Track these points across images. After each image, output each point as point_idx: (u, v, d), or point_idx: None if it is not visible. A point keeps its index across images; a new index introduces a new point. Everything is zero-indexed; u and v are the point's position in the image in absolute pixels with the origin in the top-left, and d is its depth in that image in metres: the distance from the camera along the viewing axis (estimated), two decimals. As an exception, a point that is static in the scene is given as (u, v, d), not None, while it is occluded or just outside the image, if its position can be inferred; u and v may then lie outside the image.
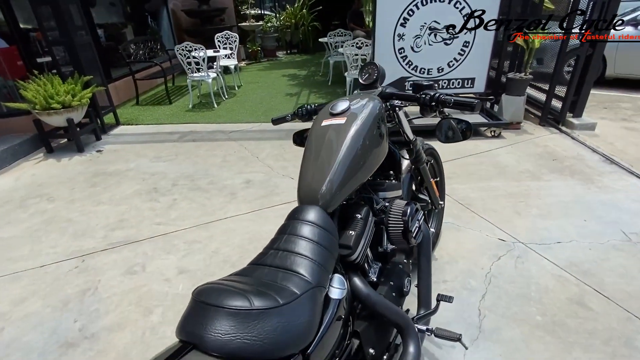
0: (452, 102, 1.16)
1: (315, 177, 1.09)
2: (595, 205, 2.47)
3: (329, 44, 6.02)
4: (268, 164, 3.28)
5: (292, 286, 0.82)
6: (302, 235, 0.97)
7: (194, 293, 0.78)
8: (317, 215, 1.01)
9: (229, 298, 0.73)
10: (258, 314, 0.71)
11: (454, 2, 3.35)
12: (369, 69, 1.41)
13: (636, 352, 1.46)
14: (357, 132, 1.14)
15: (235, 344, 0.68)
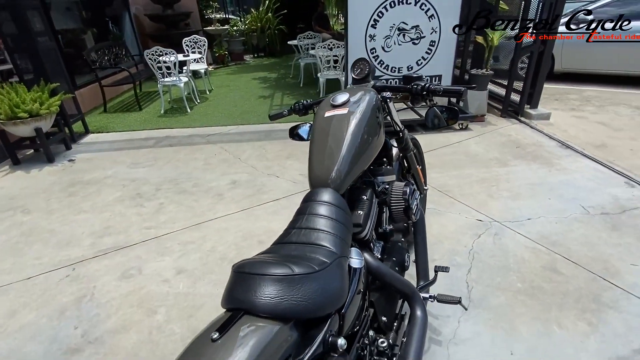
0: (441, 90, 1.29)
1: (326, 163, 1.18)
2: (556, 185, 2.74)
3: (299, 46, 6.12)
4: (251, 164, 3.32)
5: (321, 256, 0.91)
6: (320, 214, 1.06)
7: (235, 267, 0.85)
8: (332, 196, 1.10)
9: (272, 267, 0.81)
10: (300, 278, 0.79)
11: (419, 4, 3.57)
12: (361, 64, 1.53)
13: (603, 306, 1.68)
14: (359, 121, 1.24)
15: (284, 305, 0.76)
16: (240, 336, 0.72)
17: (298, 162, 3.32)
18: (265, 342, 0.72)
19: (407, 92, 1.41)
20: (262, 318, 0.75)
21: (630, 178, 2.77)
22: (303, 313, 0.78)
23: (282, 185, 2.92)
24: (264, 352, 0.69)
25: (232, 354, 0.68)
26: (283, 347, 0.73)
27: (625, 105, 4.63)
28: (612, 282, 1.81)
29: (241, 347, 0.69)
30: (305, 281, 0.80)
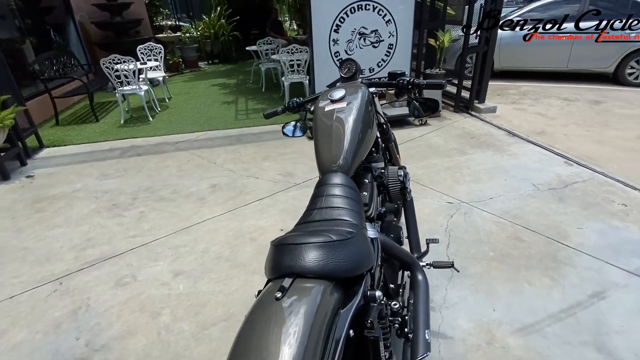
0: (425, 84, 1.49)
1: (334, 150, 1.31)
2: (509, 168, 3.10)
3: (259, 52, 6.18)
4: (228, 168, 3.36)
5: (347, 227, 1.05)
6: (337, 194, 1.19)
7: (276, 242, 0.96)
8: (343, 178, 1.24)
9: (312, 237, 0.93)
10: (338, 244, 0.92)
11: (377, 10, 3.84)
12: (348, 64, 1.69)
13: (559, 264, 1.97)
14: (357, 112, 1.40)
15: (330, 266, 0.88)
16: (299, 294, 0.83)
17: (275, 163, 3.41)
18: (319, 297, 0.84)
19: (394, 87, 1.59)
20: (312, 279, 0.87)
21: (568, 158, 3.21)
22: (345, 272, 0.91)
23: (263, 185, 3.00)
24: (320, 305, 0.81)
25: (296, 308, 0.79)
26: (333, 301, 0.85)
27: (555, 98, 5.27)
28: (564, 244, 2.13)
29: (302, 302, 0.81)
30: (343, 246, 0.93)
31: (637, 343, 1.51)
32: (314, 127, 1.46)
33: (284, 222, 2.48)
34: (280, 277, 0.90)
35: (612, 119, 4.28)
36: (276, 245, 0.97)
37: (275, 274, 0.91)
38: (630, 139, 3.68)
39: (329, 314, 0.81)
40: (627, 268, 1.91)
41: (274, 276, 0.92)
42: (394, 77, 1.61)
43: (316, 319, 0.78)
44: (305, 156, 3.53)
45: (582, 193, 2.64)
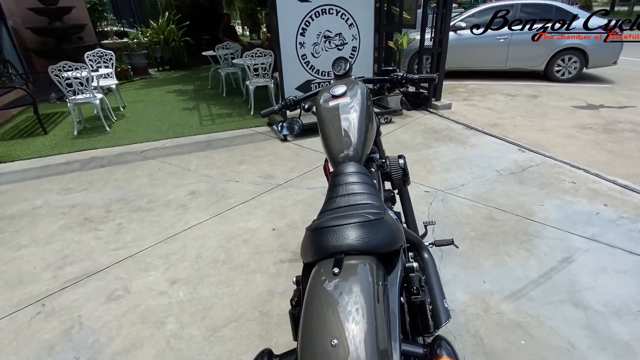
0: (417, 78, 1.62)
1: (345, 143, 1.39)
2: (472, 157, 3.38)
3: (218, 56, 6.08)
4: (204, 173, 3.28)
5: (374, 209, 1.12)
6: (356, 181, 1.26)
7: (313, 227, 1.02)
8: (358, 167, 1.32)
9: (350, 218, 1.00)
10: (375, 222, 0.99)
11: (340, 14, 3.99)
12: (341, 62, 1.78)
13: (531, 237, 2.21)
14: (361, 106, 1.49)
15: (374, 241, 0.96)
16: (352, 270, 0.89)
17: (252, 166, 3.40)
18: (371, 271, 0.90)
19: (388, 82, 1.70)
20: (358, 255, 0.94)
21: (520, 146, 3.58)
22: (386, 247, 0.98)
23: (245, 188, 2.98)
24: (374, 277, 0.88)
25: (355, 282, 0.86)
26: (381, 274, 0.93)
27: (499, 94, 5.80)
28: (531, 219, 2.38)
29: (358, 277, 0.88)
30: (380, 224, 1.00)
31: (605, 296, 1.75)
32: (320, 121, 1.52)
33: (274, 222, 2.49)
34: (327, 258, 0.96)
35: (549, 111, 4.82)
36: (315, 229, 1.02)
37: (320, 255, 0.97)
38: (567, 127, 4.18)
39: (381, 285, 0.88)
40: (585, 235, 2.20)
41: (319, 257, 0.97)
42: (386, 73, 1.72)
43: (374, 290, 0.85)
44: (281, 158, 3.56)
45: (537, 175, 2.97)
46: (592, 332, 1.57)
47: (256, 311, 1.76)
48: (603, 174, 2.90)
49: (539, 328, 1.60)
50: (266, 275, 1.99)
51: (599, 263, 1.97)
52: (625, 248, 2.07)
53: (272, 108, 1.80)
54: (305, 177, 3.12)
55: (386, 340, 0.77)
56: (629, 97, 5.37)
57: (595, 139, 3.77)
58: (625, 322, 1.61)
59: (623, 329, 1.58)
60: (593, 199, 2.57)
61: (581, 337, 1.55)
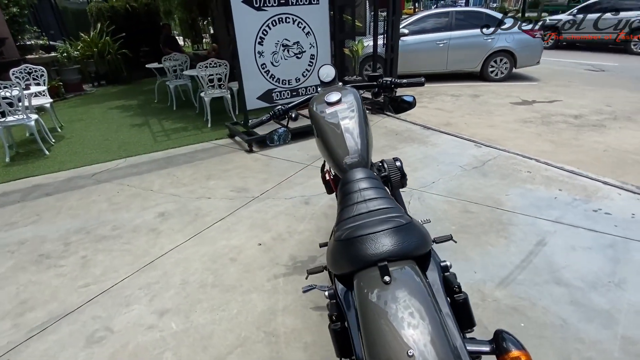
0: (406, 83, 1.67)
1: (351, 149, 1.38)
2: (436, 156, 3.56)
3: (166, 68, 5.77)
4: (170, 192, 3.07)
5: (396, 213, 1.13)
6: (368, 187, 1.26)
7: (342, 239, 1.00)
8: (367, 172, 1.33)
9: (381, 225, 0.99)
10: (407, 227, 1.00)
11: (297, 22, 4.00)
12: (327, 69, 1.78)
13: (505, 225, 2.38)
14: (358, 111, 1.50)
15: (412, 245, 0.96)
16: (400, 276, 0.89)
17: (221, 180, 3.25)
18: (417, 275, 0.91)
19: (376, 87, 1.73)
20: (399, 261, 0.93)
21: (475, 142, 3.85)
22: (422, 249, 0.99)
23: (219, 204, 2.84)
24: (420, 281, 0.88)
25: (405, 286, 0.85)
26: (423, 276, 0.93)
27: (445, 95, 6.20)
28: (502, 209, 2.57)
29: (407, 282, 0.87)
30: (412, 227, 1.01)
31: (579, 272, 1.93)
32: (319, 130, 1.50)
33: (258, 236, 2.40)
34: (367, 267, 0.94)
35: (492, 108, 5.25)
36: (348, 239, 1.00)
37: (359, 264, 0.95)
38: (510, 122, 4.59)
39: (428, 287, 0.89)
40: (550, 218, 2.42)
41: (358, 267, 0.95)
42: (374, 79, 1.76)
43: (426, 294, 0.85)
44: (251, 170, 3.45)
45: (497, 167, 3.21)
46: (577, 307, 1.72)
47: (261, 332, 1.68)
48: (551, 162, 3.22)
49: (533, 309, 1.72)
50: (263, 294, 1.91)
51: (568, 243, 2.17)
52: (585, 226, 2.31)
53: (260, 119, 1.74)
54: (281, 188, 3.06)
55: (454, 342, 0.77)
56: (554, 92, 6.04)
57: (537, 131, 4.19)
58: (601, 293, 1.79)
59: (602, 299, 1.75)
60: (549, 185, 2.84)
61: (570, 312, 1.69)
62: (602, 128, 4.18)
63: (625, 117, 4.53)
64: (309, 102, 1.76)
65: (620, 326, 1.61)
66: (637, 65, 7.93)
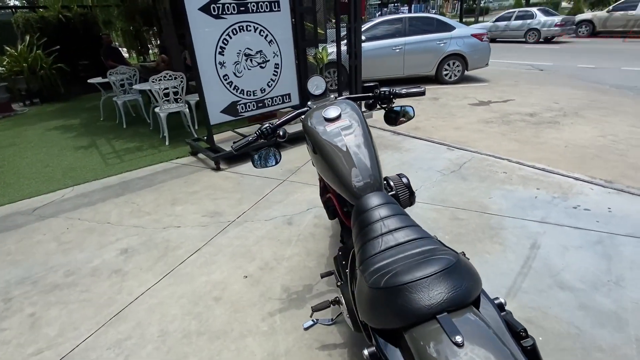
0: (405, 93, 1.55)
1: (362, 171, 1.23)
2: (412, 162, 3.53)
3: (112, 83, 5.25)
4: (132, 224, 2.72)
5: (432, 244, 0.99)
6: (390, 214, 1.11)
7: (383, 285, 0.83)
8: (384, 196, 1.18)
9: (427, 266, 0.84)
10: (456, 265, 0.86)
11: (258, 30, 3.80)
12: (316, 81, 1.61)
13: (496, 230, 2.35)
14: (363, 128, 1.35)
15: (469, 288, 0.82)
16: (466, 328, 0.74)
17: (190, 205, 2.95)
18: (481, 323, 0.76)
19: (372, 98, 1.60)
20: (458, 310, 0.79)
21: (447, 145, 3.88)
22: (478, 288, 0.85)
23: (191, 233, 2.55)
24: (492, 332, 0.74)
25: (477, 340, 0.71)
26: (485, 320, 0.79)
27: (406, 99, 6.29)
28: (489, 213, 2.55)
29: (476, 335, 0.73)
30: (462, 265, 0.87)
31: (578, 273, 1.93)
32: (321, 151, 1.33)
33: (242, 268, 2.16)
34: (423, 321, 0.78)
35: (453, 110, 5.39)
36: (390, 287, 0.83)
37: (412, 319, 0.79)
38: (474, 122, 4.72)
39: (499, 338, 0.75)
40: (536, 219, 2.43)
41: (411, 322, 0.79)
42: (369, 90, 1.62)
43: (502, 346, 0.71)
44: (222, 190, 3.18)
45: (474, 170, 3.23)
46: (586, 311, 1.69)
47: (264, 385, 1.45)
48: (523, 161, 3.31)
49: (546, 319, 1.66)
50: (259, 337, 1.68)
51: (559, 243, 2.18)
52: (570, 224, 2.35)
53: (245, 140, 1.52)
54: (258, 208, 2.83)
55: None
56: (505, 92, 6.36)
57: (500, 130, 4.33)
58: (604, 293, 1.79)
59: (606, 300, 1.74)
60: (526, 185, 2.89)
61: (581, 318, 1.66)
62: (556, 125, 4.42)
63: (573, 113, 4.85)
64: (302, 117, 1.59)
65: (631, 327, 1.59)
66: (568, 65, 8.65)
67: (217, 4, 3.42)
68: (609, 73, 7.46)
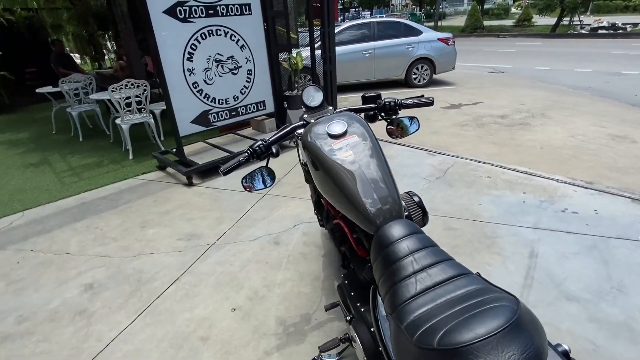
0: (412, 103, 1.42)
1: (380, 197, 1.08)
2: (396, 168, 3.44)
3: (66, 92, 4.78)
4: (96, 253, 2.40)
5: (475, 283, 0.86)
6: (420, 247, 0.97)
7: (437, 346, 0.69)
8: (409, 224, 1.03)
9: (489, 318, 0.71)
10: (520, 316, 0.72)
11: (229, 35, 3.57)
12: (312, 92, 1.45)
13: (492, 239, 2.29)
14: (373, 144, 1.21)
15: (540, 343, 0.69)
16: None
17: (163, 227, 2.67)
18: None
19: (374, 109, 1.46)
20: None
21: (427, 150, 3.84)
22: (545, 341, 0.72)
23: (166, 261, 2.28)
24: None
25: None
26: None
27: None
28: (482, 221, 2.49)
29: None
30: (524, 315, 0.74)
31: (581, 282, 1.89)
32: (328, 172, 1.17)
33: (229, 299, 1.94)
34: None
35: (427, 114, 5.40)
36: (449, 350, 0.68)
37: None
38: (449, 126, 4.74)
39: None
40: (528, 225, 2.40)
41: None
42: (371, 100, 1.48)
43: None
44: (198, 208, 2.92)
45: (458, 176, 3.19)
46: (598, 324, 1.64)
47: None
48: (504, 164, 3.32)
49: (560, 335, 1.60)
50: (257, 382, 1.48)
51: (556, 250, 2.15)
52: (563, 229, 2.33)
53: (236, 160, 1.32)
54: (240, 227, 2.60)
55: None
56: (473, 94, 6.51)
57: (476, 134, 4.37)
58: (610, 302, 1.75)
59: (614, 310, 1.71)
60: (512, 189, 2.88)
61: (594, 331, 1.60)
62: (528, 126, 4.53)
63: (540, 114, 5.01)
64: (298, 132, 1.42)
65: (643, 338, 1.56)
66: (526, 67, 9.08)
67: (183, 7, 3.17)
68: (563, 74, 7.89)
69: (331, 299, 1.87)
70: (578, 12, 17.43)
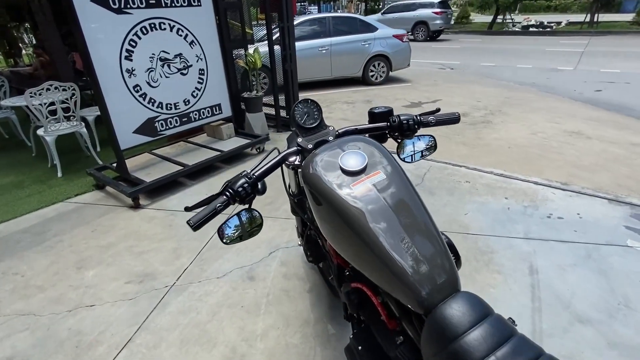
0: (435, 121, 1.14)
1: (428, 260, 0.79)
2: (371, 176, 3.21)
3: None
4: (16, 310, 1.87)
5: None
6: (502, 339, 0.70)
7: None
8: (474, 302, 0.76)
9: None
10: None
11: (175, 29, 3.07)
12: (307, 108, 1.12)
13: (488, 254, 2.13)
14: (404, 181, 0.92)
15: None
16: None
17: (106, 266, 2.17)
18: None
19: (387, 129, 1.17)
20: None
21: (400, 153, 3.65)
22: None
23: (113, 314, 1.82)
24: None
25: None
26: None
27: (339, 102, 6.04)
28: (472, 233, 2.34)
29: None
30: None
31: (587, 300, 1.78)
32: (351, 225, 0.85)
33: None
34: None
35: (391, 113, 5.28)
36: None
37: None
38: (415, 126, 4.62)
39: None
40: (520, 235, 2.29)
41: None
42: (382, 117, 1.18)
43: None
44: (148, 237, 2.44)
45: (437, 182, 3.04)
46: (617, 350, 1.52)
47: None
48: (479, 167, 3.24)
49: (585, 369, 1.45)
50: None
51: (553, 262, 2.04)
52: (554, 238, 2.25)
53: (211, 208, 0.94)
54: (204, 260, 2.19)
55: None
56: (430, 92, 6.53)
57: (443, 133, 4.29)
58: (621, 322, 1.65)
59: (628, 331, 1.60)
60: (494, 195, 2.78)
61: (616, 359, 1.48)
62: (490, 124, 4.56)
63: (497, 111, 5.10)
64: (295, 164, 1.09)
65: (665, 362, 1.46)
66: (473, 63, 9.41)
67: (117, -5, 2.63)
68: (508, 70, 8.25)
69: (327, 349, 1.57)
70: (510, 10, 18.68)
